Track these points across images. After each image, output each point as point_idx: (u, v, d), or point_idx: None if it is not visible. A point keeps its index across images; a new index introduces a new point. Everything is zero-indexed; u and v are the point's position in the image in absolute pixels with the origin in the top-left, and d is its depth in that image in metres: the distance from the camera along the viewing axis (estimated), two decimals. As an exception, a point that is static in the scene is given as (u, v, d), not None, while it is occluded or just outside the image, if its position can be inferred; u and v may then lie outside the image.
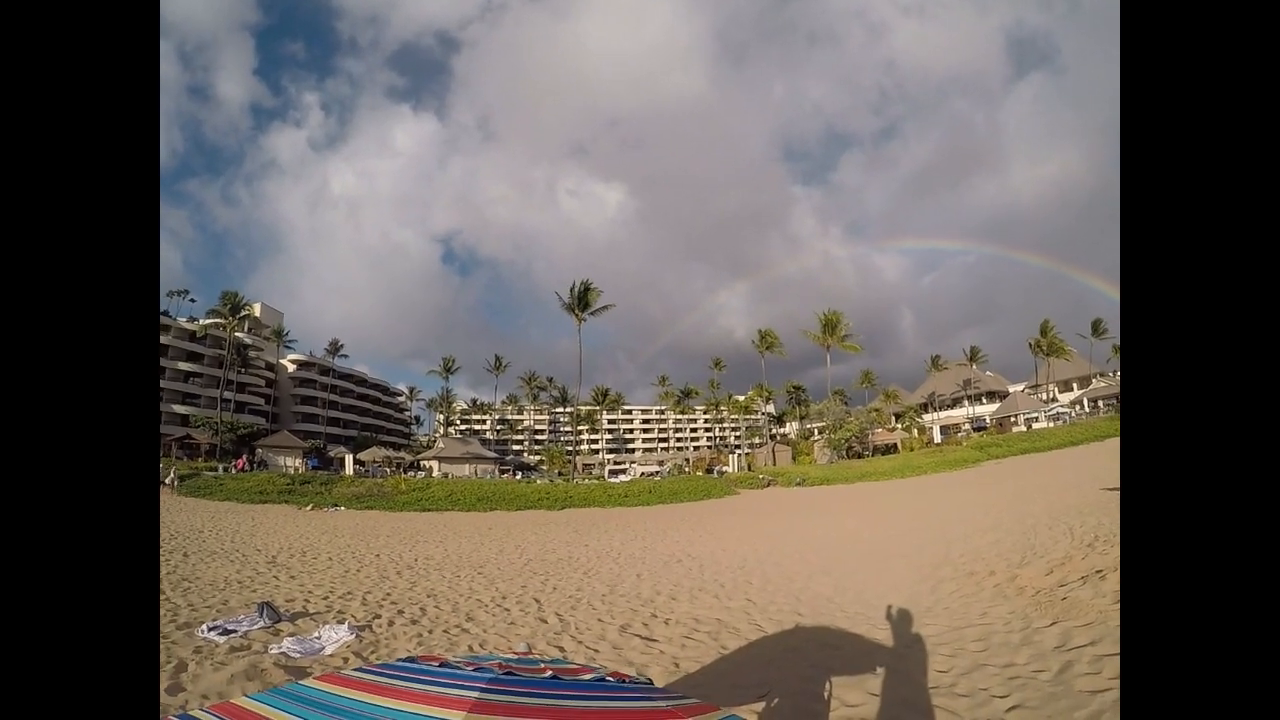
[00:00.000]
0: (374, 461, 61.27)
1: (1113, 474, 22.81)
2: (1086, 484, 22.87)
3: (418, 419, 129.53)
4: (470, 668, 2.19)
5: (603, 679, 2.24)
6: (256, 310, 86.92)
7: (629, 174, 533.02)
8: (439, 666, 2.23)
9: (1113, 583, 8.40)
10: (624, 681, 2.28)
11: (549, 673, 2.18)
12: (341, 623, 8.93)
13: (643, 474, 66.73)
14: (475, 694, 1.83)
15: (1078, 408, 75.42)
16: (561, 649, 8.18)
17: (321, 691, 1.95)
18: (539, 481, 54.69)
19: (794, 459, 70.33)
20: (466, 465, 68.85)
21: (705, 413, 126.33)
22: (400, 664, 2.34)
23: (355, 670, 2.26)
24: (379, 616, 9.75)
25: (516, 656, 2.76)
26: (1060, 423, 66.27)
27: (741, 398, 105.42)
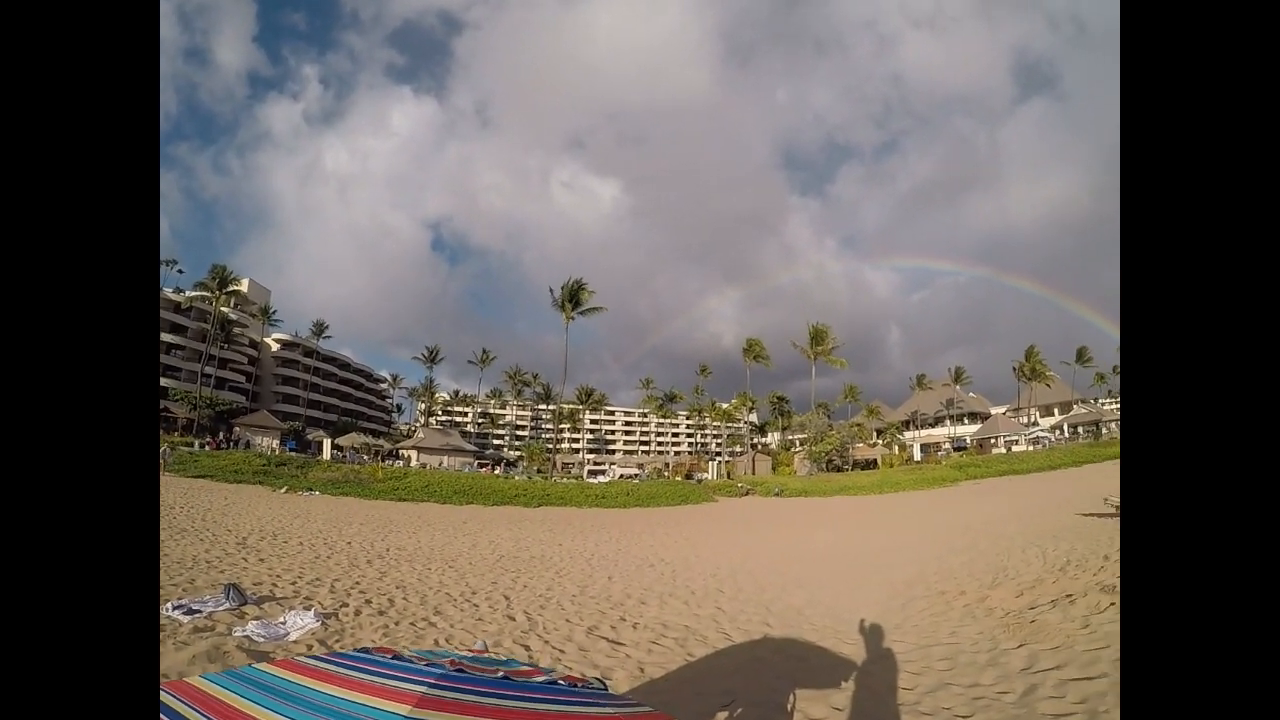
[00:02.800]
0: (352, 447, 60.74)
1: (1089, 499, 23.01)
2: (1062, 508, 23.03)
3: (399, 407, 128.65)
4: (422, 663, 2.20)
5: (554, 682, 2.24)
6: (244, 286, 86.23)
7: (626, 170, 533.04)
8: (391, 659, 2.25)
9: (1082, 607, 8.44)
10: (576, 685, 2.28)
11: (500, 673, 2.18)
12: (308, 609, 8.84)
13: (622, 476, 66.60)
14: (423, 689, 1.85)
15: (1057, 433, 76.20)
16: (528, 648, 8.13)
17: (274, 676, 1.96)
18: (517, 478, 54.44)
19: (774, 469, 70.48)
20: (445, 457, 68.63)
21: (688, 418, 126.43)
22: (354, 654, 2.34)
23: (310, 657, 2.27)
24: (346, 605, 9.68)
25: (472, 654, 2.74)
26: (1040, 446, 66.89)
27: (725, 405, 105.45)
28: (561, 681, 2.26)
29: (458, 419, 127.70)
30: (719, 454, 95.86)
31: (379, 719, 1.66)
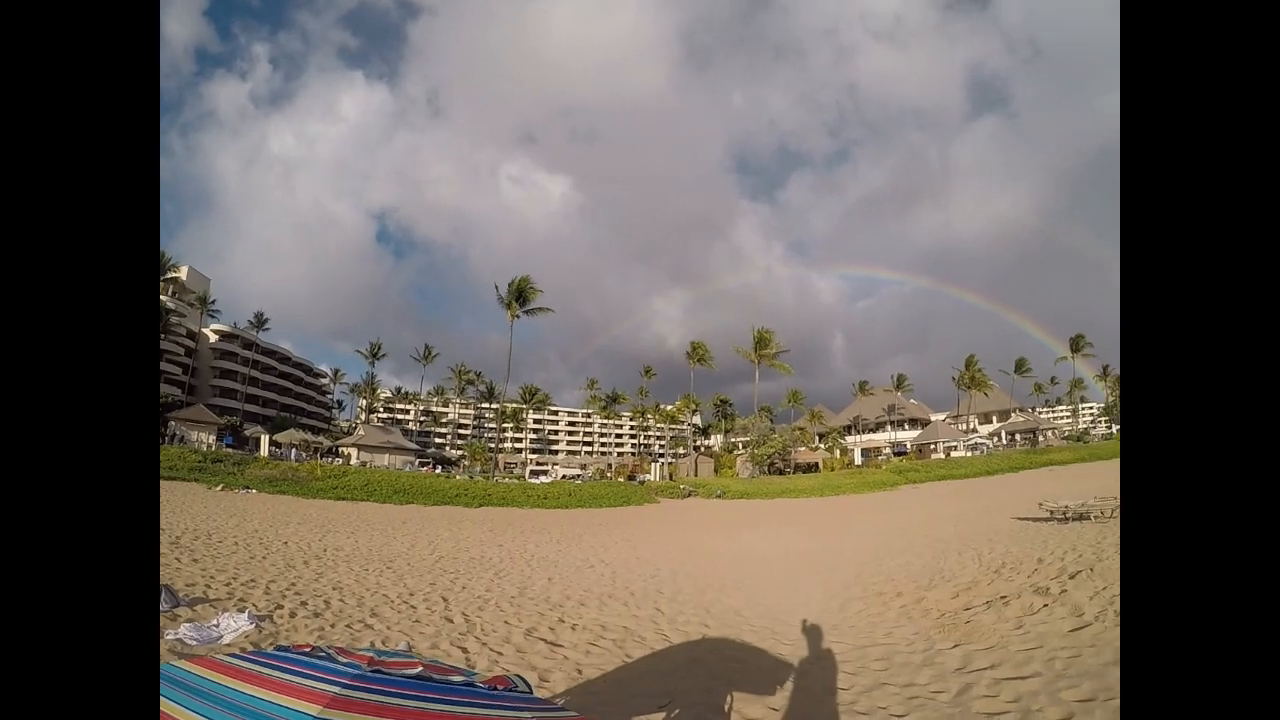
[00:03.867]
0: (291, 444, 59.29)
1: (1025, 504, 23.56)
2: (999, 512, 23.57)
3: (339, 403, 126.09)
4: (339, 661, 2.17)
5: (472, 684, 2.20)
6: (183, 274, 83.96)
7: (576, 167, 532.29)
8: (308, 656, 2.20)
9: (1016, 609, 8.60)
10: (497, 688, 2.22)
11: (418, 670, 2.15)
12: (242, 611, 8.63)
13: (564, 476, 66.30)
14: (336, 688, 1.81)
15: (995, 440, 78.24)
16: (465, 650, 8.04)
17: (189, 674, 1.92)
18: (458, 477, 53.87)
19: (716, 471, 70.74)
20: (386, 455, 67.69)
21: (632, 419, 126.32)
22: (271, 652, 2.29)
23: (227, 655, 2.22)
24: (281, 607, 9.48)
25: (393, 653, 2.64)
26: (978, 453, 68.56)
27: (669, 407, 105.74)
28: (481, 684, 2.21)
29: (399, 416, 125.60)
30: (662, 455, 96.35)
31: (289, 718, 1.62)
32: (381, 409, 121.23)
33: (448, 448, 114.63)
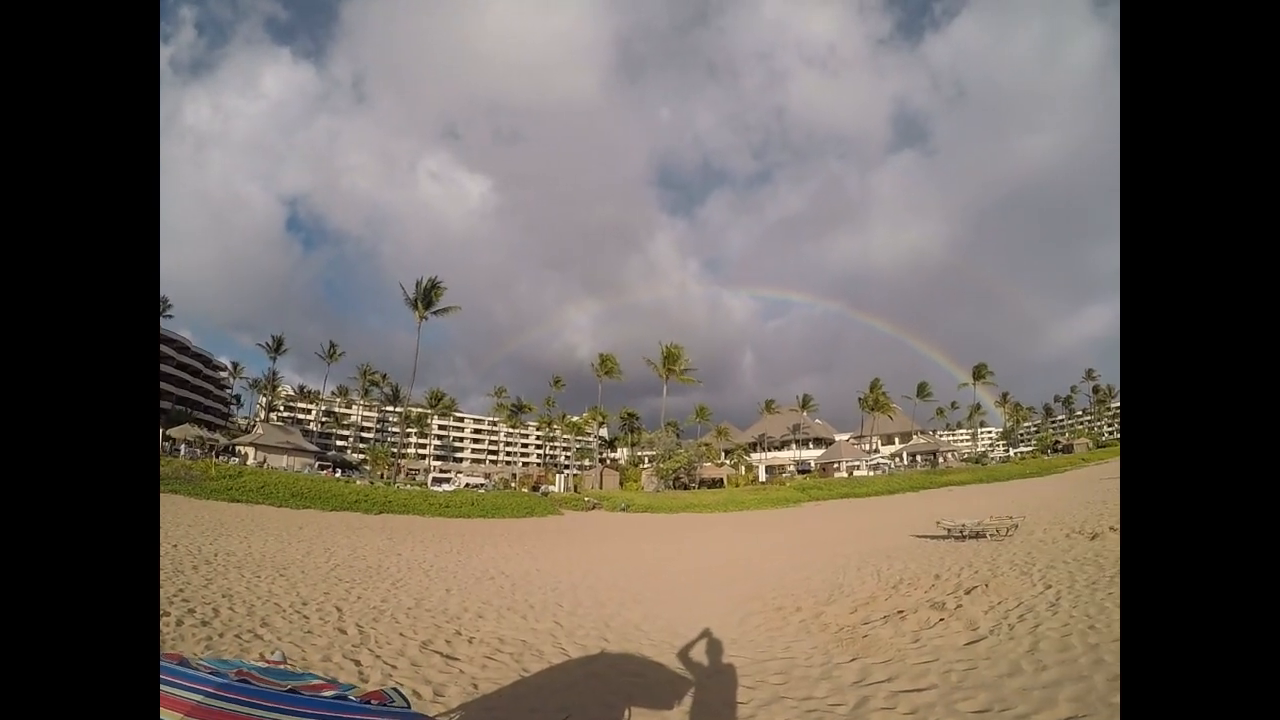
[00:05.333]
0: (185, 440, 56.42)
1: (924, 522, 24.22)
2: (898, 530, 24.13)
3: (238, 399, 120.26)
4: (206, 670, 2.08)
5: (344, 698, 2.14)
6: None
7: (498, 167, 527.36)
8: (176, 665, 2.09)
9: (913, 623, 8.74)
10: (369, 703, 2.11)
11: (288, 686, 2.08)
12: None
13: (467, 485, 65.10)
14: (199, 697, 1.77)
15: (897, 460, 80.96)
16: (358, 663, 7.74)
17: None
18: (359, 482, 52.41)
19: (621, 484, 70.90)
20: (285, 456, 65.74)
21: (538, 429, 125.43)
22: None
23: None
24: (167, 615, 9.03)
25: (265, 665, 2.49)
26: (880, 472, 70.47)
27: (576, 418, 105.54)
28: (355, 699, 2.15)
29: (301, 416, 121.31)
30: (568, 467, 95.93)
31: None
32: (282, 407, 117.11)
33: (349, 451, 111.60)
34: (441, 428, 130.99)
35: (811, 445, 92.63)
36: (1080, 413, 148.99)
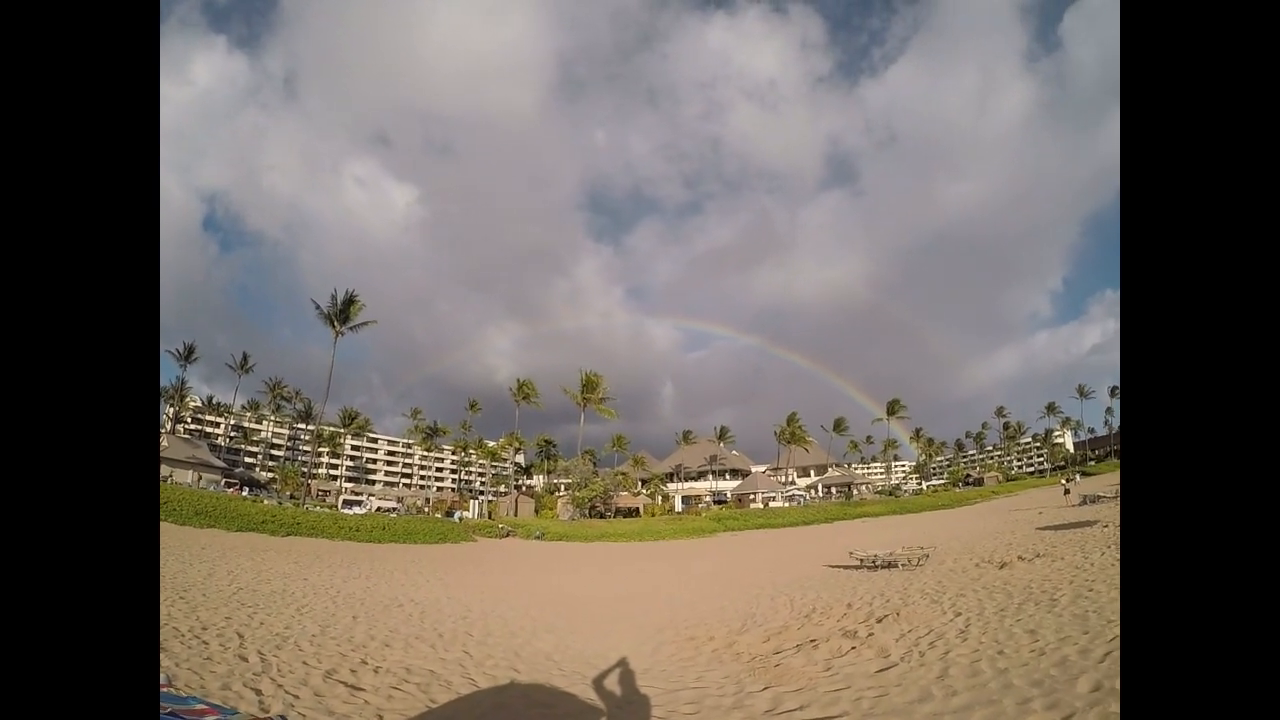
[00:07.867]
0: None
1: (837, 552, 24.52)
2: (812, 560, 24.38)
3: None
4: None
5: None
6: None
7: (426, 179, 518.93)
8: None
9: (825, 651, 8.76)
10: None
11: (168, 709, 1.98)
12: None
13: (379, 508, 63.41)
14: None
15: (812, 492, 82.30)
16: (259, 692, 7.37)
17: None
18: (266, 502, 50.56)
19: (536, 512, 70.13)
20: (190, 471, 63.38)
21: (454, 453, 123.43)
22: None
23: None
24: None
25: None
26: (795, 503, 71.56)
27: (492, 444, 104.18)
28: None
29: (209, 430, 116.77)
30: (483, 493, 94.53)
31: None
32: (189, 419, 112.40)
33: (258, 469, 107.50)
34: (355, 448, 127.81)
35: (728, 476, 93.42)
36: (991, 448, 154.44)
